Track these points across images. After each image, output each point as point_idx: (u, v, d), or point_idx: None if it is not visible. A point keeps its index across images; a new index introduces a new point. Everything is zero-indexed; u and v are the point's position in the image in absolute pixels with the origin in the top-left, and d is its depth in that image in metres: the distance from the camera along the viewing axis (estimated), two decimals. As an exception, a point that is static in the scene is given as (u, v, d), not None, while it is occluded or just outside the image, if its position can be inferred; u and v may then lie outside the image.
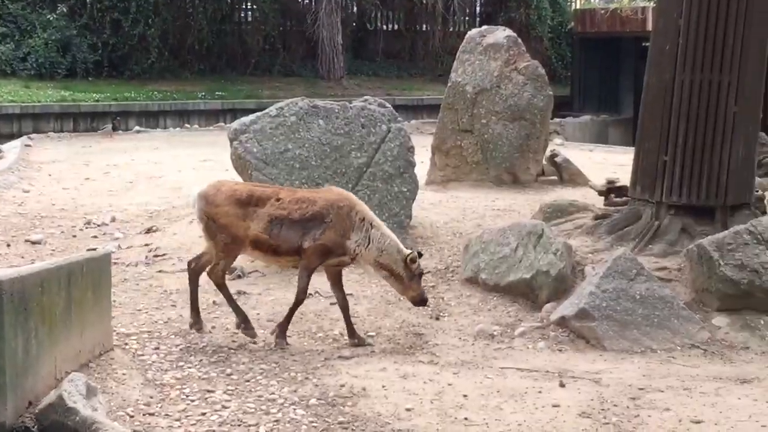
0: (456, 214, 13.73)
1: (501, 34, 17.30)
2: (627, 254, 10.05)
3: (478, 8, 39.38)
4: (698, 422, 7.41)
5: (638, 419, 7.49)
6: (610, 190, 13.28)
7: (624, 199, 12.40)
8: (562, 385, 8.16)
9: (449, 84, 17.15)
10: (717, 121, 11.11)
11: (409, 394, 7.87)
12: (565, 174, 17.13)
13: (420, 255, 9.24)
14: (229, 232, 9.01)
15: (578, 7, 38.00)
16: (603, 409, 7.66)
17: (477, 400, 7.80)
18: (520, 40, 17.49)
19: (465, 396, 7.86)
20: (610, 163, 20.30)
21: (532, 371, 8.52)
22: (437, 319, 9.99)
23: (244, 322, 9.21)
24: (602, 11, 34.19)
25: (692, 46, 11.11)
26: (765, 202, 11.99)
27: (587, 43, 35.89)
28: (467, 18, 38.39)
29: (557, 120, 28.38)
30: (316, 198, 9.12)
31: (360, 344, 9.16)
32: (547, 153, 17.44)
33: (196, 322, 9.30)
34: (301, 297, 9.18)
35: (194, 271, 9.40)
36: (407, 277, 9.11)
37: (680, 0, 11.15)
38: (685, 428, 7.32)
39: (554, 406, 7.70)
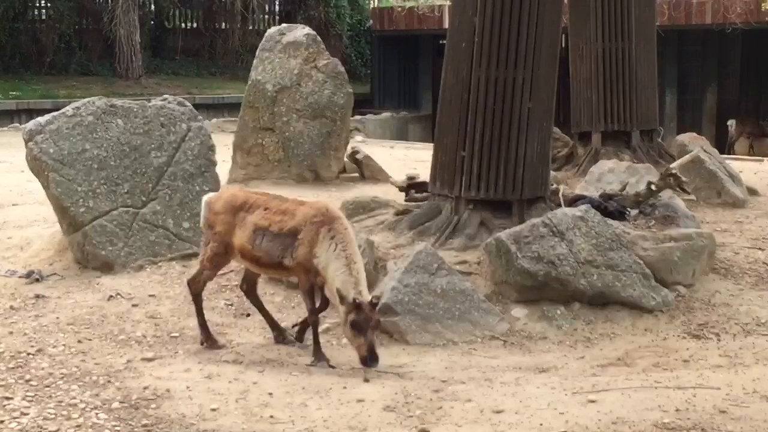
0: (258, 212, 13.66)
1: (300, 32, 17.38)
2: (428, 249, 10.16)
3: (277, 6, 39.44)
4: (499, 412, 7.54)
5: (441, 411, 7.59)
6: (411, 186, 13.41)
7: (424, 194, 12.54)
8: (366, 380, 8.20)
9: (249, 82, 17.13)
10: (512, 116, 11.34)
11: (214, 394, 7.81)
12: (367, 171, 17.29)
13: (374, 304, 8.26)
14: (222, 240, 8.80)
15: (376, 5, 38.33)
16: (407, 402, 7.74)
17: (282, 397, 7.80)
18: (319, 38, 17.61)
19: (270, 394, 7.85)
20: (411, 159, 20.55)
21: (336, 367, 8.56)
22: (248, 316, 9.93)
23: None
24: (399, 9, 34.60)
25: (487, 43, 11.33)
26: (559, 195, 12.29)
27: (386, 40, 36.26)
28: (267, 16, 38.44)
29: (358, 117, 28.61)
30: (295, 211, 8.60)
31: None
32: (349, 150, 17.58)
33: (280, 333, 9.13)
34: (312, 318, 8.64)
35: (247, 291, 9.25)
36: (344, 321, 8.29)
37: (475, -2, 11.38)
38: (486, 418, 7.45)
39: (359, 401, 7.74)
